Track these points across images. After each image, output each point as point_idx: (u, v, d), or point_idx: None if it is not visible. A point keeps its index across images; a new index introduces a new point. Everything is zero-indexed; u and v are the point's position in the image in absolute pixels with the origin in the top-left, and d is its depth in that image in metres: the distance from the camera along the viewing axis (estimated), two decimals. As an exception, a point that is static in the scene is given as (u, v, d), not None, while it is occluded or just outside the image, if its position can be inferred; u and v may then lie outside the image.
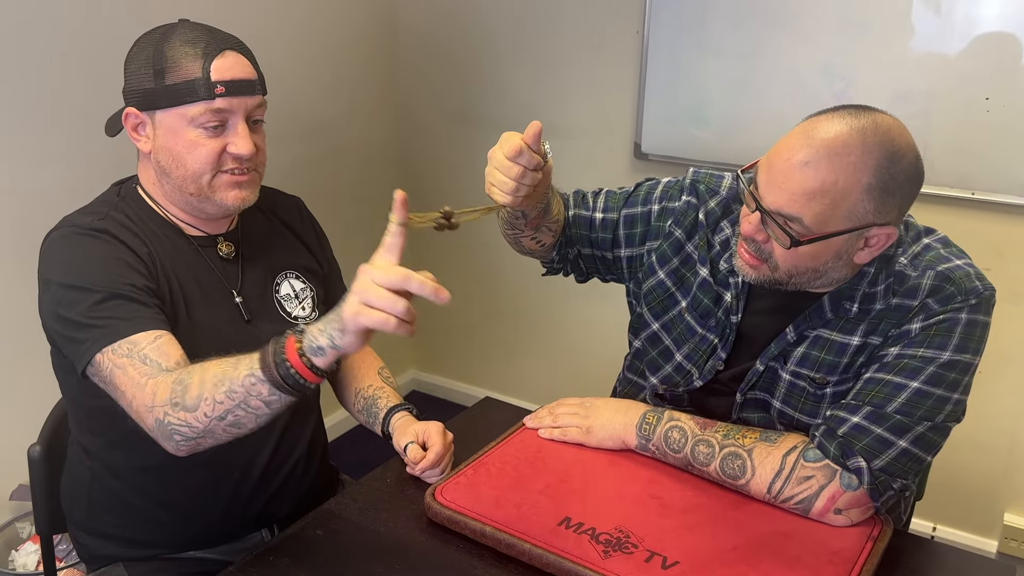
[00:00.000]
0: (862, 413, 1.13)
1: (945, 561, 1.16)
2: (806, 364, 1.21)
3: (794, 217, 1.06)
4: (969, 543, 2.28)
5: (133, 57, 1.19)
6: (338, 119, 2.64)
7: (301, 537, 1.14)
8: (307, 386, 0.97)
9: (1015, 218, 2.03)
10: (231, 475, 1.27)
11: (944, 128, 2.01)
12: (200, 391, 1.01)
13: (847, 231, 1.07)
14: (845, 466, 1.12)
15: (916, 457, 1.13)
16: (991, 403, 2.17)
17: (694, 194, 1.33)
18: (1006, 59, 1.92)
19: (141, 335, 1.09)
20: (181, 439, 1.03)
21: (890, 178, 1.05)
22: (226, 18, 2.13)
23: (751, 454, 1.16)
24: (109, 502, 1.28)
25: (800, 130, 1.08)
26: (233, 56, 1.18)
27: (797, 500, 1.13)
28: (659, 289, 1.35)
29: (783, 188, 1.06)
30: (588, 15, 2.44)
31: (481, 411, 1.51)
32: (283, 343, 0.96)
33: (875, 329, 1.17)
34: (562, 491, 1.18)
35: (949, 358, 1.11)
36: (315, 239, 1.44)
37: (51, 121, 1.83)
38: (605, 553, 1.05)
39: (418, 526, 1.15)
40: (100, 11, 1.88)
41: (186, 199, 1.22)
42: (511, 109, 2.67)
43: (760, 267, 1.15)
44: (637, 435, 1.25)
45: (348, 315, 0.90)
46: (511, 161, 1.08)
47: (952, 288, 1.13)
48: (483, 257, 2.85)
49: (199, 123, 1.16)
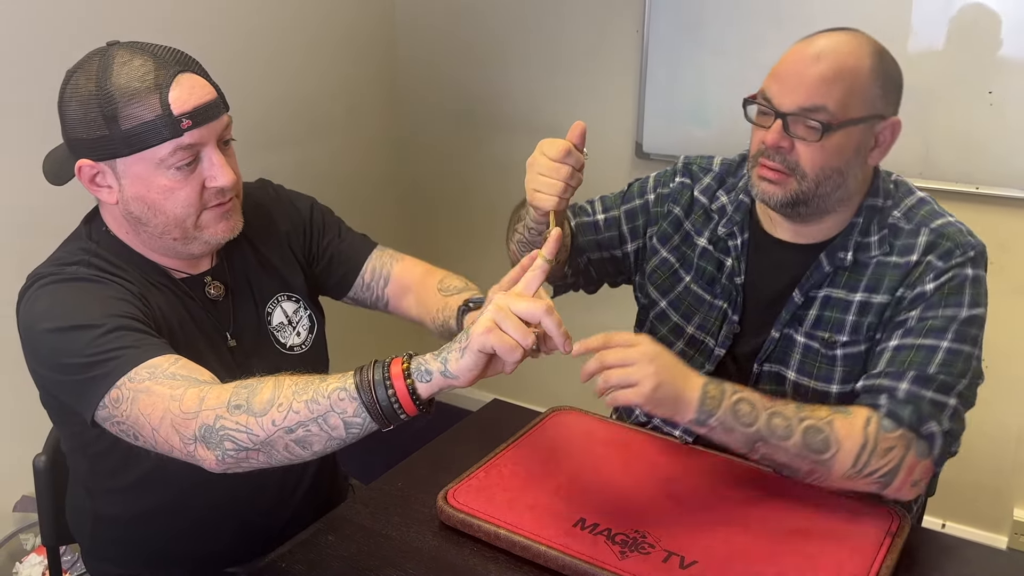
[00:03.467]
0: (908, 378, 1.13)
1: (958, 553, 1.15)
2: (820, 326, 1.23)
3: (818, 107, 1.12)
4: (979, 539, 2.27)
5: (71, 99, 1.04)
6: (336, 121, 2.63)
7: (313, 543, 1.13)
8: (399, 414, 0.89)
9: (1019, 212, 2.02)
10: (238, 508, 1.24)
11: (947, 123, 2.01)
12: (273, 396, 0.92)
13: (865, 118, 1.14)
14: (919, 432, 1.11)
15: (962, 417, 1.14)
16: (999, 398, 2.16)
17: (687, 175, 1.38)
18: (1007, 52, 1.92)
19: (159, 359, 0.99)
20: (232, 447, 0.92)
21: (885, 66, 1.16)
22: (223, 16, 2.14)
23: (831, 427, 1.10)
24: (115, 536, 1.25)
25: (798, 45, 1.17)
26: (188, 79, 1.05)
27: (881, 474, 1.10)
28: (663, 267, 1.38)
29: (800, 84, 1.13)
30: (588, 14, 2.44)
31: (490, 413, 1.50)
32: (388, 360, 0.89)
33: (877, 285, 1.20)
34: (576, 492, 1.17)
35: (967, 314, 1.15)
36: (295, 215, 1.33)
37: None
38: (622, 554, 1.04)
39: (430, 530, 1.14)
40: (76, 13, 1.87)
41: (168, 245, 1.12)
42: (511, 109, 2.66)
43: (787, 181, 1.17)
44: (697, 410, 1.06)
45: (478, 332, 0.86)
46: (559, 162, 1.11)
47: (949, 243, 1.18)
48: (488, 259, 2.84)
49: (169, 164, 1.05)
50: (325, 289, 1.38)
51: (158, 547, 1.25)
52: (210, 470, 0.96)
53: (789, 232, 1.27)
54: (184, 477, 1.16)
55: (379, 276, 1.33)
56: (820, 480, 1.13)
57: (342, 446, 0.94)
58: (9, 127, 1.75)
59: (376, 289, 1.33)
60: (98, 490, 1.22)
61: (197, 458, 0.95)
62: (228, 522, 1.25)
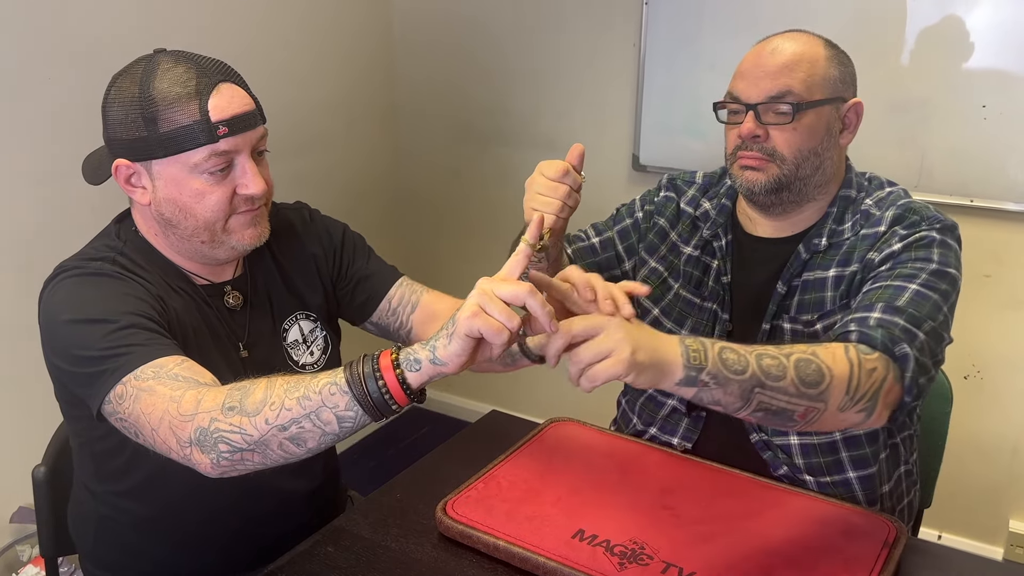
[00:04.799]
0: (878, 308, 1.14)
1: (954, 565, 1.15)
2: (803, 310, 1.28)
3: (784, 91, 1.20)
4: (975, 550, 2.27)
5: (113, 101, 1.09)
6: (335, 134, 2.65)
7: (312, 555, 1.13)
8: (391, 404, 0.90)
9: (1013, 224, 2.04)
10: (239, 517, 1.24)
11: (942, 136, 2.02)
12: (266, 396, 0.93)
13: (830, 99, 1.22)
14: (893, 353, 1.10)
15: (931, 352, 1.13)
16: (995, 409, 2.17)
17: (671, 189, 1.46)
18: (1001, 66, 1.94)
19: (166, 359, 1.01)
20: (227, 449, 0.93)
21: (837, 53, 1.25)
22: (217, 33, 2.15)
23: (818, 356, 1.03)
24: (116, 541, 1.26)
25: (755, 47, 1.26)
26: (229, 89, 1.10)
27: (867, 398, 1.06)
28: (653, 276, 1.43)
29: (763, 75, 1.21)
30: (585, 28, 2.46)
31: (488, 425, 1.50)
32: (377, 353, 0.91)
33: (848, 259, 1.25)
34: (574, 503, 1.17)
35: (937, 268, 1.18)
36: (327, 240, 1.35)
37: (51, 138, 1.82)
38: (621, 565, 1.04)
39: (429, 541, 1.14)
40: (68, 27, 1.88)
41: (196, 248, 1.16)
42: (509, 122, 2.67)
43: (768, 167, 1.23)
44: (685, 366, 0.94)
45: (464, 317, 0.86)
46: (557, 182, 1.14)
47: (916, 216, 1.23)
48: (487, 271, 2.85)
49: (203, 169, 1.09)
50: (347, 313, 1.39)
51: (159, 554, 1.25)
52: (206, 474, 0.96)
53: (769, 228, 1.32)
54: (185, 483, 1.17)
55: (407, 303, 1.35)
56: (813, 421, 1.05)
57: (336, 441, 0.95)
58: (7, 143, 1.76)
59: (402, 315, 1.34)
60: (102, 492, 1.23)
61: (193, 461, 0.96)
62: (228, 531, 1.25)
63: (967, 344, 2.15)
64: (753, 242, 1.34)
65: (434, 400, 3.19)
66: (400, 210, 2.97)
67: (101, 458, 1.20)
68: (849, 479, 1.25)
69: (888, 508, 1.30)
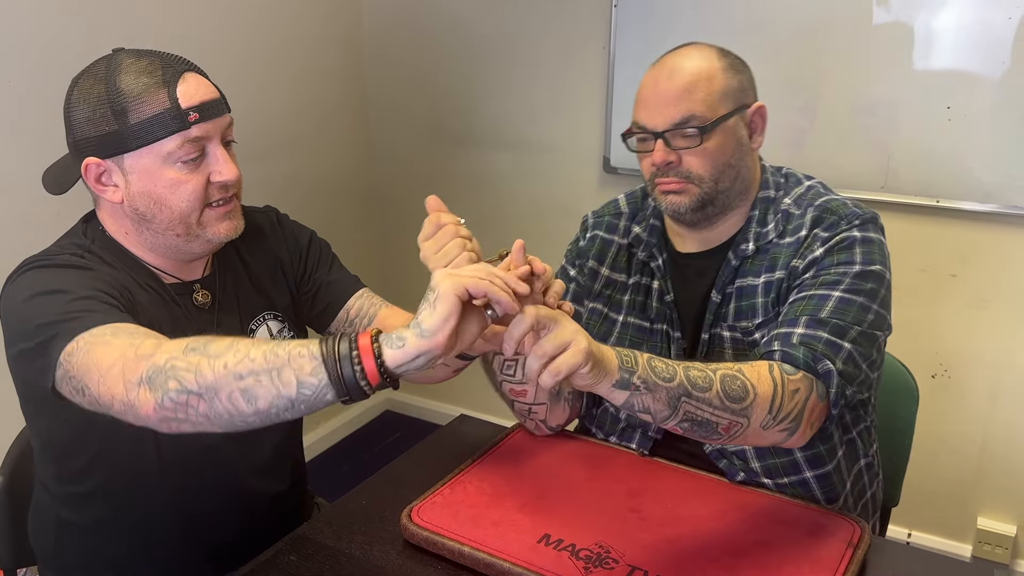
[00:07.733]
0: (802, 323, 1.16)
1: (922, 565, 1.16)
2: (740, 317, 1.28)
3: (687, 116, 1.20)
4: (944, 548, 2.30)
5: (78, 101, 1.09)
6: (304, 135, 2.62)
7: (275, 563, 1.11)
8: (358, 380, 0.84)
9: (978, 224, 2.06)
10: (202, 523, 1.23)
11: (907, 137, 2.04)
12: (233, 343, 0.88)
13: (733, 111, 1.22)
14: (816, 371, 1.13)
15: (857, 362, 1.16)
16: (962, 407, 2.19)
17: (598, 228, 1.44)
18: (965, 67, 1.96)
19: (124, 324, 0.98)
20: (176, 388, 0.86)
21: (732, 61, 1.25)
22: (176, 33, 2.12)
23: (743, 374, 1.07)
24: (78, 545, 1.24)
25: (650, 71, 1.25)
26: (194, 78, 1.11)
27: (790, 419, 1.09)
28: (593, 316, 1.41)
29: (665, 103, 1.21)
30: (555, 31, 2.46)
31: (456, 429, 1.49)
32: (358, 329, 0.89)
33: (775, 265, 1.26)
34: (541, 508, 1.16)
35: (860, 269, 1.19)
36: (294, 244, 1.35)
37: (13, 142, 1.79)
38: (586, 570, 1.04)
39: (395, 548, 1.13)
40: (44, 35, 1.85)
41: (170, 243, 1.15)
42: (479, 123, 2.67)
43: (688, 187, 1.23)
44: (619, 368, 0.96)
45: (442, 280, 0.84)
46: (437, 230, 1.13)
47: (834, 216, 1.24)
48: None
49: (177, 158, 1.09)
50: (309, 318, 1.38)
51: (119, 560, 1.24)
52: (145, 419, 0.90)
53: (697, 243, 1.33)
54: (148, 484, 1.17)
55: (364, 315, 1.34)
56: (736, 436, 1.07)
57: (288, 411, 0.87)
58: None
59: (359, 326, 1.34)
60: (63, 495, 1.21)
61: (136, 404, 0.89)
62: (190, 538, 1.24)
63: (934, 343, 2.17)
64: (686, 259, 1.34)
65: (402, 404, 3.17)
66: (371, 210, 2.95)
67: (62, 459, 1.19)
68: (807, 479, 1.25)
69: (851, 504, 1.30)
